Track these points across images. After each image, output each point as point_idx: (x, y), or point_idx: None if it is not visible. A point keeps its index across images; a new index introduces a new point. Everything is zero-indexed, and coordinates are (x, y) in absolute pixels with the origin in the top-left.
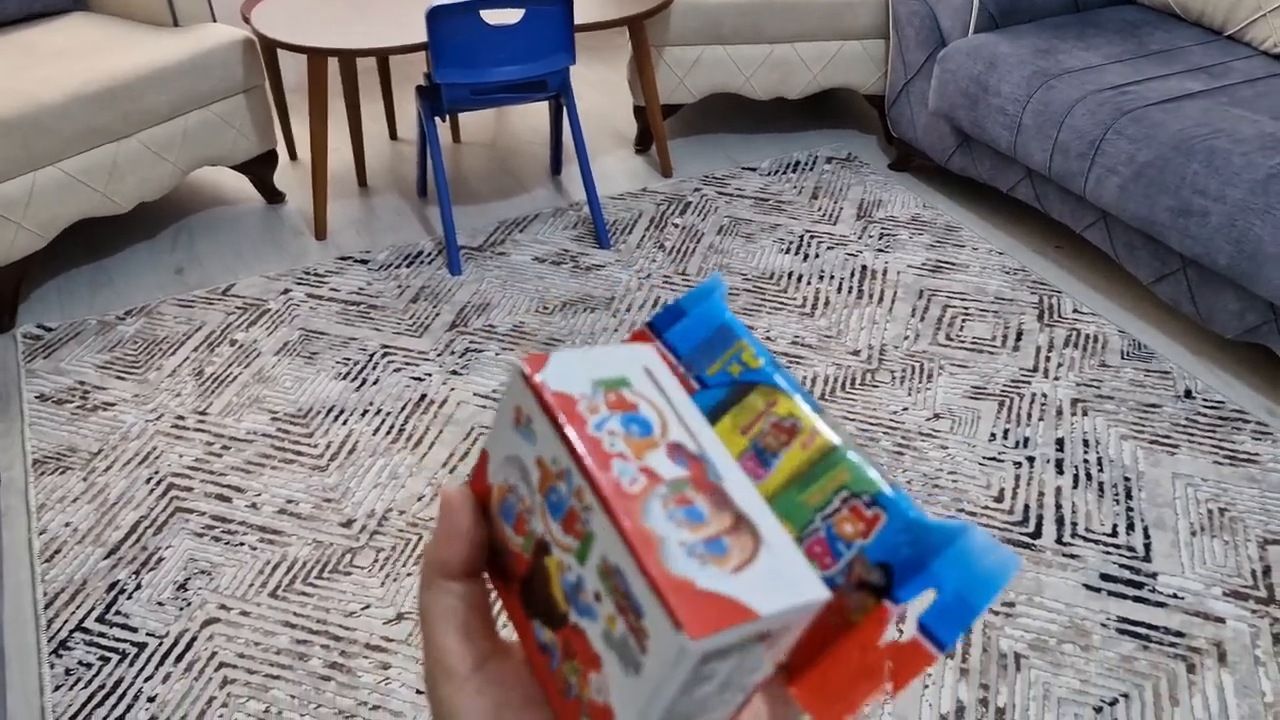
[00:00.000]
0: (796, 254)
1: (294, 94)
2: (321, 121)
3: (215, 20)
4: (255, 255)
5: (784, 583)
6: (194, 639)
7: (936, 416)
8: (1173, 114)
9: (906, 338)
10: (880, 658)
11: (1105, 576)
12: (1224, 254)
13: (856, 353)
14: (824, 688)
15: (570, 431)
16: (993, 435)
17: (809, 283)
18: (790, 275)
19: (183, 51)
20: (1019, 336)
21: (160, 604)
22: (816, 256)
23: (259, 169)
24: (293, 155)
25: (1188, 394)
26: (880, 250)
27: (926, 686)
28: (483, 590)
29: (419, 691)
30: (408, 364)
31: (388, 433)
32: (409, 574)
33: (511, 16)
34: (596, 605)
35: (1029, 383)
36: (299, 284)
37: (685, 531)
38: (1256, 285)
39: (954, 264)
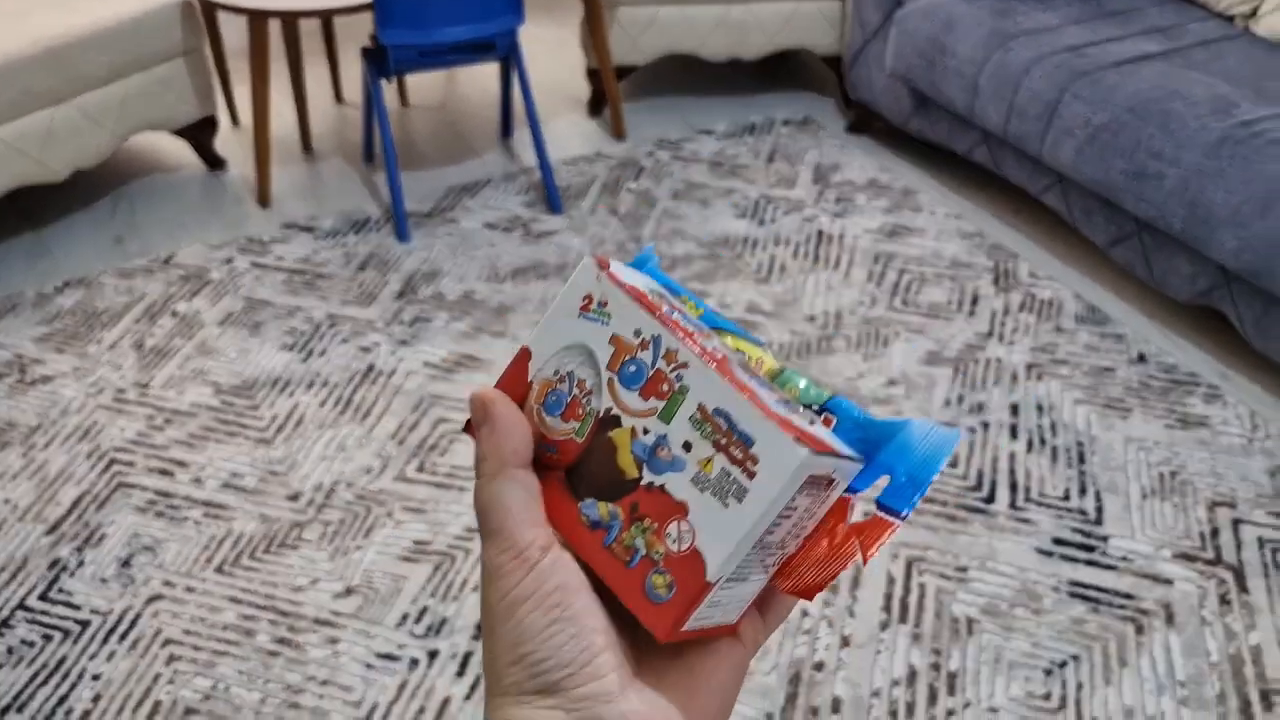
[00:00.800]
0: (752, 219)
1: (235, 57)
2: (263, 85)
3: None
4: (197, 223)
5: (839, 443)
6: (138, 616)
7: (892, 382)
8: (1129, 76)
9: (863, 303)
10: (847, 538)
11: (1057, 540)
12: (1178, 217)
13: (813, 319)
14: (801, 573)
15: (658, 305)
16: (948, 401)
17: (765, 248)
18: (746, 240)
19: (121, 13)
20: (975, 301)
21: (103, 581)
22: (773, 221)
23: (199, 135)
24: (234, 120)
25: (1141, 358)
26: (837, 214)
27: (879, 652)
28: (537, 481)
29: (369, 666)
30: (355, 334)
31: (335, 404)
32: (358, 547)
33: None
34: (685, 455)
35: (984, 348)
36: (242, 253)
37: (766, 391)
38: (1209, 249)
39: (911, 228)
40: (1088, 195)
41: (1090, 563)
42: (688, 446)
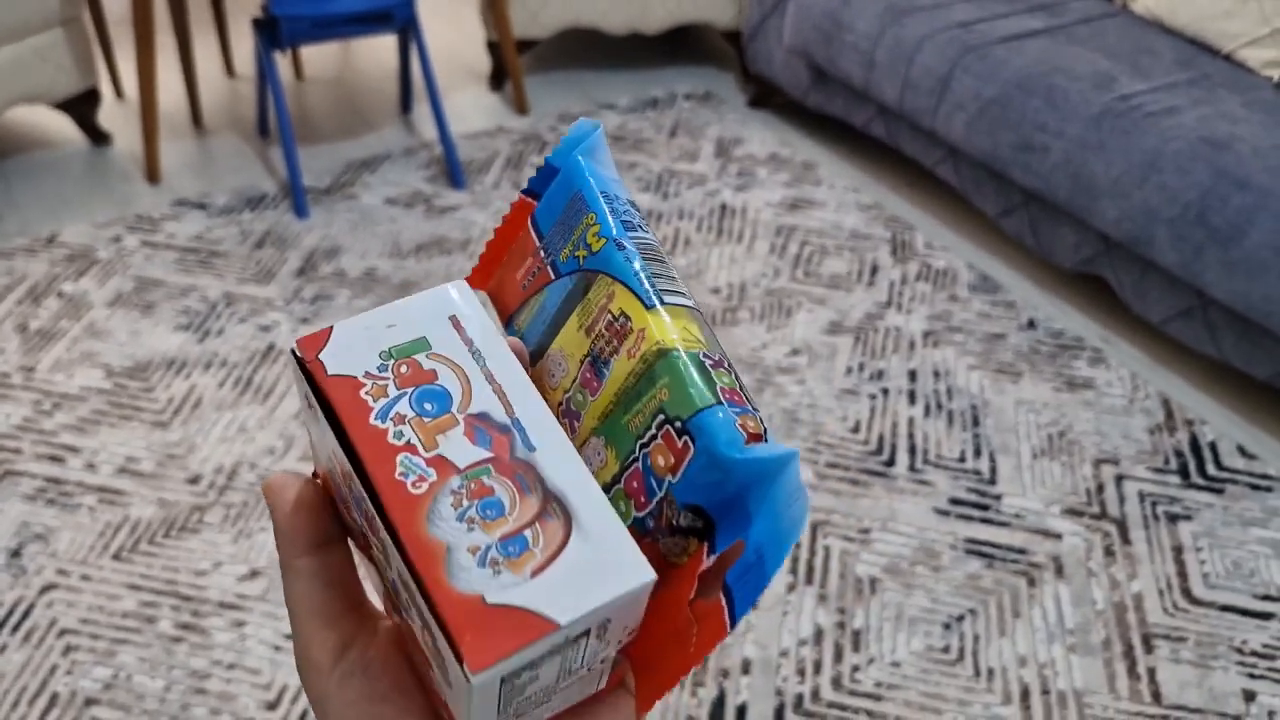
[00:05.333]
0: (656, 192)
1: (118, 26)
2: (149, 55)
3: None
4: (81, 201)
5: (595, 575)
6: (31, 606)
7: (795, 352)
8: (1015, 52)
9: (766, 275)
10: (687, 619)
11: (954, 500)
12: (1062, 188)
13: (717, 291)
14: (645, 651)
15: (348, 432)
16: (849, 369)
17: (669, 221)
18: (650, 214)
19: None
20: (874, 272)
21: None
22: (676, 195)
23: (81, 108)
24: (119, 93)
25: (1030, 324)
26: (739, 188)
27: (786, 613)
28: (341, 559)
29: (277, 648)
30: (254, 313)
31: (234, 385)
32: (263, 529)
33: None
34: (411, 612)
35: (883, 317)
36: (131, 231)
37: (478, 533)
38: (1091, 218)
39: (811, 201)
40: (978, 167)
41: (985, 520)
42: (411, 606)
